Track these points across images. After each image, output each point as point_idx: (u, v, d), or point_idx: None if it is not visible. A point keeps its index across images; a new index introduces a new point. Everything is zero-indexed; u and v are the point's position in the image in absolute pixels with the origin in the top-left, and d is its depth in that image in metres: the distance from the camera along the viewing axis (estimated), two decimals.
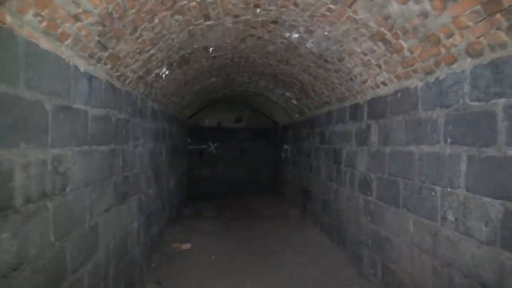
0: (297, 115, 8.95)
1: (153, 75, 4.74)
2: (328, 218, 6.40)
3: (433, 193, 3.21)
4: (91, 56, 3.08)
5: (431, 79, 3.31)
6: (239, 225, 7.78)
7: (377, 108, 4.45)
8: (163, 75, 5.09)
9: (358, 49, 4.06)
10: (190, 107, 9.04)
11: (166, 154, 6.84)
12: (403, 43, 3.34)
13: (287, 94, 7.98)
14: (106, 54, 3.26)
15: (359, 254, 4.95)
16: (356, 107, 5.14)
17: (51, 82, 2.49)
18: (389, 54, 3.68)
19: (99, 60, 3.23)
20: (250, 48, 5.38)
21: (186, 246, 6.12)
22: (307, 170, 7.99)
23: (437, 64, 3.16)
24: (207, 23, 4.11)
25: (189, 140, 12.52)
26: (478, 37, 2.59)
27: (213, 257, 5.73)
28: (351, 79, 4.85)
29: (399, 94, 3.91)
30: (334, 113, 6.14)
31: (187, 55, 4.92)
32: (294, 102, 8.17)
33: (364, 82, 4.59)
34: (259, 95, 9.64)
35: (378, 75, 4.20)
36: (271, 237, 6.82)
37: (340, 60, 4.60)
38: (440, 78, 3.16)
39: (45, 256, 2.40)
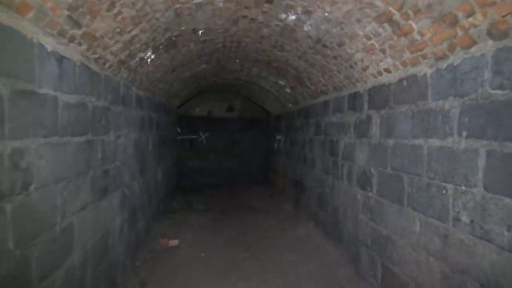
0: (290, 105, 8.61)
1: (137, 59, 4.34)
2: (324, 213, 6.11)
3: (444, 191, 2.91)
4: (62, 34, 2.69)
5: (443, 65, 2.98)
6: (231, 219, 7.46)
7: (379, 97, 4.13)
8: (149, 60, 4.69)
9: (360, 32, 3.71)
10: (179, 95, 8.64)
11: (153, 145, 6.47)
12: (413, 25, 2.99)
13: (281, 82, 7.62)
14: (79, 32, 2.86)
15: (357, 253, 4.67)
16: (355, 97, 4.81)
17: (8, 62, 2.10)
18: (395, 38, 3.34)
19: (71, 39, 2.84)
20: (242, 32, 4.99)
21: (174, 242, 5.79)
22: (301, 162, 7.68)
23: (451, 48, 2.82)
24: (196, 1, 3.71)
25: (179, 130, 12.13)
26: (504, 16, 2.26)
27: (203, 254, 5.41)
28: (351, 66, 4.51)
29: (404, 82, 3.58)
30: (331, 102, 5.80)
31: (174, 38, 4.52)
32: (288, 91, 7.81)
33: (365, 69, 4.25)
34: (252, 84, 9.26)
35: (381, 61, 3.86)
36: (263, 232, 6.51)
37: (340, 45, 4.25)
38: (455, 64, 2.83)
39: (3, 268, 2.04)
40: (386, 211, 3.90)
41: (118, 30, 3.35)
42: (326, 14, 3.73)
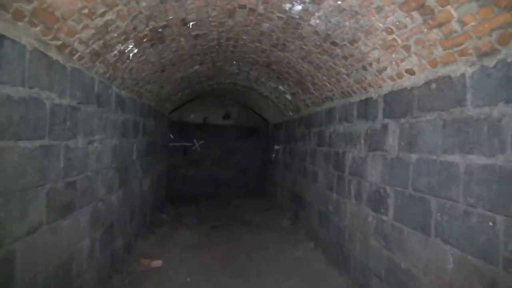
0: (291, 113, 7.98)
1: (115, 52, 3.70)
2: (326, 232, 5.44)
3: (491, 223, 2.26)
4: (2, 6, 2.05)
5: (490, 61, 2.35)
6: (223, 236, 6.77)
7: (399, 103, 3.50)
8: (131, 54, 4.05)
9: (380, 25, 3.08)
10: (171, 99, 8.00)
11: (138, 152, 5.80)
12: (452, 11, 2.37)
13: (281, 88, 6.99)
14: (29, 7, 2.23)
15: (366, 285, 3.99)
16: (367, 103, 4.18)
17: None
18: (425, 30, 2.71)
19: (18, 15, 2.20)
20: (240, 27, 4.37)
21: (157, 263, 5.09)
22: (301, 175, 7.03)
23: (504, 40, 2.20)
24: None
25: (171, 137, 11.48)
26: None
27: (188, 279, 4.71)
28: (363, 68, 3.88)
29: (433, 85, 2.95)
30: (337, 110, 5.17)
31: (160, 30, 3.88)
32: (289, 97, 7.19)
33: (382, 71, 3.62)
34: (249, 89, 8.64)
35: (403, 60, 3.24)
36: (258, 253, 5.82)
37: (353, 42, 3.62)
38: (508, 60, 2.21)
39: None
40: (406, 239, 3.24)
41: (85, 11, 2.71)
42: (339, 2, 3.11)
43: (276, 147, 9.79)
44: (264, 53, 5.40)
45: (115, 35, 3.37)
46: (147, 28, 3.68)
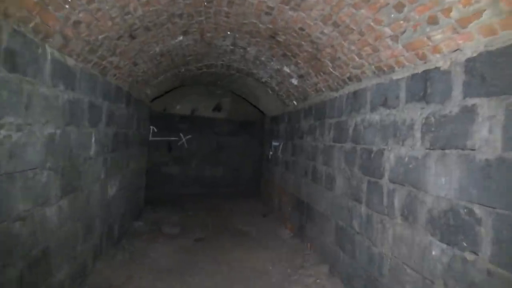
0: (294, 102, 6.56)
1: None
2: (348, 257, 4.04)
3: None
4: None
5: None
6: (210, 253, 5.33)
7: (501, 71, 2.10)
8: None
9: None
10: (151, 83, 6.51)
11: (100, 147, 4.33)
12: None
13: (286, 69, 5.57)
14: None
15: None
16: (428, 77, 2.78)
17: None
18: None
19: None
20: None
21: None
22: (309, 178, 5.62)
23: None
24: None
25: (155, 130, 9.99)
26: None
27: None
28: (431, 21, 2.48)
29: None
30: (369, 93, 3.77)
31: None
32: (294, 82, 5.77)
33: (467, 20, 2.23)
34: (245, 74, 7.19)
35: None
36: (256, 281, 4.40)
37: None
38: None
39: None
40: None
41: None
42: None
43: (274, 143, 8.36)
44: (270, 16, 3.96)
45: None
46: None
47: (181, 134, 10.47)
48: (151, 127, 9.96)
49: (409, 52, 2.93)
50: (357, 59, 3.70)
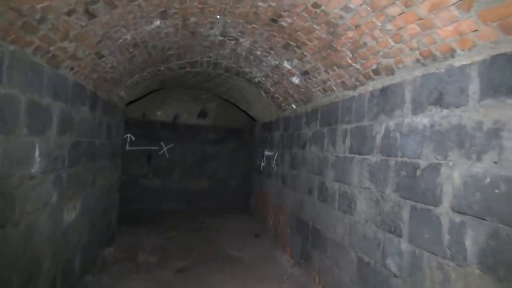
0: (293, 105, 5.58)
1: None
2: None
3: None
4: None
5: None
6: None
7: None
8: None
9: None
10: (124, 83, 5.43)
11: (50, 161, 3.23)
12: None
13: (287, 64, 4.58)
14: None
15: None
16: None
17: None
18: None
19: None
20: None
21: None
22: (314, 196, 4.62)
23: None
24: None
25: (132, 138, 8.87)
26: None
27: None
28: None
29: None
30: (407, 88, 2.81)
31: None
32: (296, 80, 4.79)
33: None
34: (236, 74, 6.18)
35: None
36: None
37: None
38: None
39: None
40: None
41: None
42: None
43: (267, 152, 7.36)
44: None
45: None
46: None
47: (162, 143, 9.36)
48: (128, 135, 8.84)
49: (488, 24, 1.98)
50: (392, 43, 2.74)
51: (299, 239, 5.12)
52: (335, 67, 3.72)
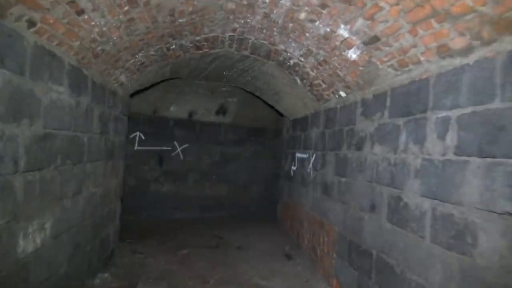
0: (342, 92, 4.20)
1: None
2: None
3: None
4: None
5: None
6: None
7: None
8: None
9: None
10: (123, 63, 4.15)
11: (10, 164, 1.98)
12: None
13: (343, 31, 3.21)
14: None
15: None
16: None
17: None
18: None
19: None
20: None
21: None
22: (381, 215, 3.23)
23: None
24: None
25: (142, 137, 7.65)
26: None
27: None
28: None
29: None
30: None
31: None
32: (353, 54, 3.40)
33: None
34: (265, 56, 4.85)
35: None
36: None
37: None
38: None
39: None
40: None
41: None
42: None
43: (300, 155, 6.00)
44: None
45: None
46: None
47: (176, 143, 8.10)
48: (137, 133, 7.62)
49: None
50: None
51: (352, 272, 3.73)
52: (433, 21, 2.34)
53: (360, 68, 3.51)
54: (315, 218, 5.04)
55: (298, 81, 5.03)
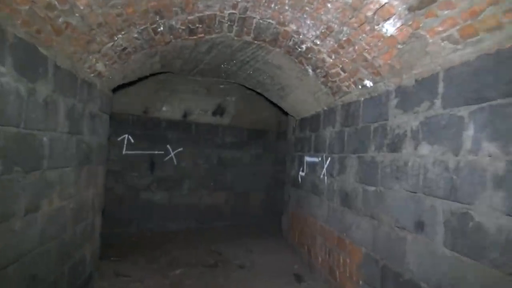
0: (368, 82, 3.39)
1: None
2: None
3: None
4: None
5: None
6: None
7: None
8: None
9: None
10: (99, 46, 3.33)
11: None
12: None
13: None
14: None
15: None
16: None
17: None
18: None
19: None
20: None
21: None
22: (437, 239, 2.41)
23: None
24: None
25: (131, 140, 6.82)
26: None
27: None
28: None
29: None
30: None
31: None
32: (390, 28, 2.60)
33: None
34: (272, 42, 4.05)
35: None
36: None
37: None
38: None
39: None
40: None
41: None
42: None
43: (309, 158, 5.19)
44: None
45: None
46: None
47: (169, 147, 7.26)
48: (125, 135, 6.79)
49: None
50: None
51: None
52: None
53: (399, 46, 2.70)
54: (332, 233, 4.21)
55: (310, 71, 4.23)
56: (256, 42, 4.20)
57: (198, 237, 6.54)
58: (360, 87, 3.60)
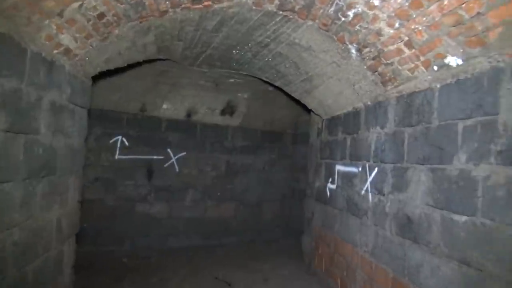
0: (452, 58, 2.28)
1: None
2: None
3: None
4: None
5: None
6: None
7: None
8: None
9: None
10: (56, 5, 2.28)
11: None
12: None
13: None
14: None
15: None
16: None
17: None
18: None
19: None
20: None
21: None
22: None
23: None
24: None
25: (125, 143, 5.75)
26: None
27: None
28: None
29: None
30: None
31: None
32: None
33: None
34: (303, 13, 2.95)
35: None
36: None
37: None
38: None
39: None
40: None
41: None
42: None
43: (343, 168, 4.06)
44: None
45: None
46: None
47: (170, 151, 6.18)
48: (119, 137, 5.73)
49: None
50: None
51: None
52: None
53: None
54: (382, 272, 3.07)
55: (353, 52, 3.12)
56: (281, 12, 3.10)
57: (202, 258, 5.44)
58: (435, 68, 2.47)
